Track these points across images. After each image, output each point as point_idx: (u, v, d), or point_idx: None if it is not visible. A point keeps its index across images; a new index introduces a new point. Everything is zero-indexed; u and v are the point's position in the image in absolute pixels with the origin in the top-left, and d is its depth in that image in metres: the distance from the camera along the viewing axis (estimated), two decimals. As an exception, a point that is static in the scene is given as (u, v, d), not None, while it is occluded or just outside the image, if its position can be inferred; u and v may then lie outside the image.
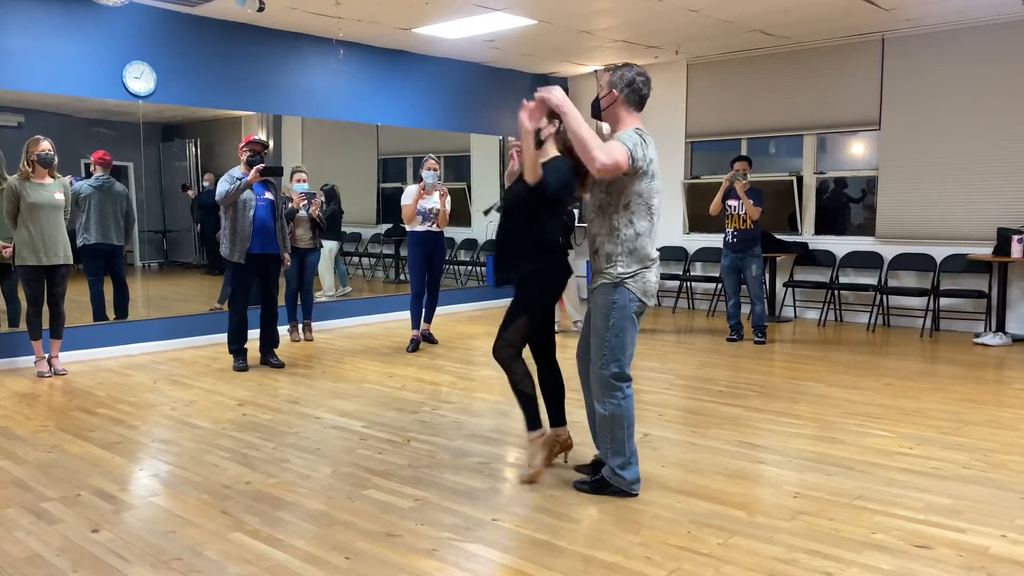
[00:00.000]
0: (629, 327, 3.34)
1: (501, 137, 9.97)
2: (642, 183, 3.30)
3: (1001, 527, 3.09)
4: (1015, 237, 6.77)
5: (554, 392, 3.77)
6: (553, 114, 3.41)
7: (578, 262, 8.86)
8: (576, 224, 9.69)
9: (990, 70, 7.34)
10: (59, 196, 5.78)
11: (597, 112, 3.49)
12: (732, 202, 7.12)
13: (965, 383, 5.56)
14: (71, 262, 5.88)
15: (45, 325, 5.87)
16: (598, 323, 3.37)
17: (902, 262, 7.89)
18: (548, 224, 3.61)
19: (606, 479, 3.47)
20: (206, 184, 7.40)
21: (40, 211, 5.66)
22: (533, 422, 3.68)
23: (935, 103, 7.65)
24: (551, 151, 3.51)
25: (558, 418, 3.77)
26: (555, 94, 3.28)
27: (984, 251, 7.30)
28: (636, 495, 3.43)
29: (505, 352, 3.62)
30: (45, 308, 5.83)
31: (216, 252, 7.60)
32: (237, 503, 3.39)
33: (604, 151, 3.15)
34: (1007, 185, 6.97)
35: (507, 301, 3.52)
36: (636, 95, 3.39)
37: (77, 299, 6.30)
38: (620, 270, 3.32)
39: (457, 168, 10.28)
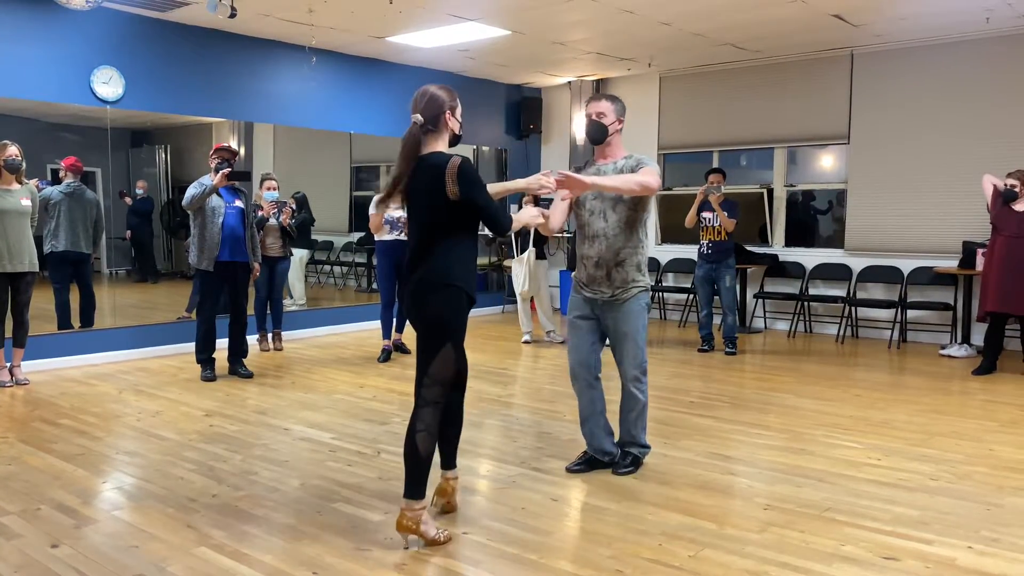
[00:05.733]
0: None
1: (475, 147, 9.96)
2: (653, 199, 3.97)
3: (968, 538, 3.12)
4: (980, 251, 6.88)
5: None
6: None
7: (551, 272, 8.88)
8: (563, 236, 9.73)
9: (956, 86, 7.47)
10: (26, 202, 5.67)
11: (601, 137, 3.74)
12: (707, 214, 7.18)
13: (931, 394, 5.63)
14: (36, 270, 5.76)
15: (8, 333, 5.74)
16: (635, 324, 3.71)
17: (870, 274, 7.99)
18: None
19: (640, 457, 3.91)
20: (139, 192, 7.29)
21: (6, 218, 5.54)
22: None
23: (903, 117, 7.77)
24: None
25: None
26: (582, 179, 3.40)
27: (950, 264, 7.41)
28: None
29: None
30: (8, 316, 5.71)
31: (148, 260, 7.53)
32: (203, 517, 3.33)
33: (651, 176, 3.50)
34: (972, 199, 7.07)
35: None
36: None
37: (41, 307, 6.18)
38: (647, 278, 3.76)
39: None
